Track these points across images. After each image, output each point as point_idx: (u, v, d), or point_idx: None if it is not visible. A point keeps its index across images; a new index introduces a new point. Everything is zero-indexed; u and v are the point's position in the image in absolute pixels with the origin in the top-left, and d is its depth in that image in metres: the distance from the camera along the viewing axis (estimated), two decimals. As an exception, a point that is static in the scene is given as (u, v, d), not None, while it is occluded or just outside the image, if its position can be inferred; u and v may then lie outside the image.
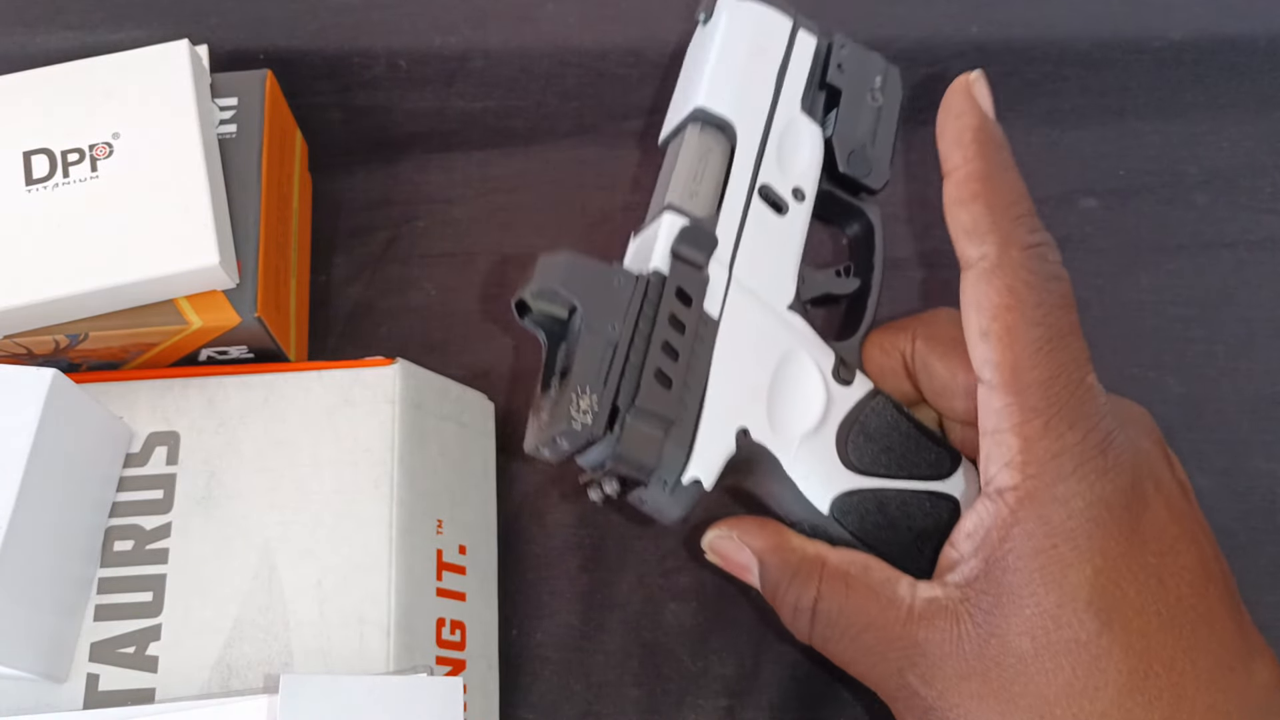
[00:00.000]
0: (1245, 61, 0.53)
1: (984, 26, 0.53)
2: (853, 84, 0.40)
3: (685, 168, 0.38)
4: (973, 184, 0.34)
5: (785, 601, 0.36)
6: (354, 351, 0.44)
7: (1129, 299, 0.52)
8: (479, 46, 0.53)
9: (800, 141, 0.39)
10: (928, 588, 0.34)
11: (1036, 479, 0.32)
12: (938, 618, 0.33)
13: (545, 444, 0.35)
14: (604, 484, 0.35)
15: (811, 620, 0.35)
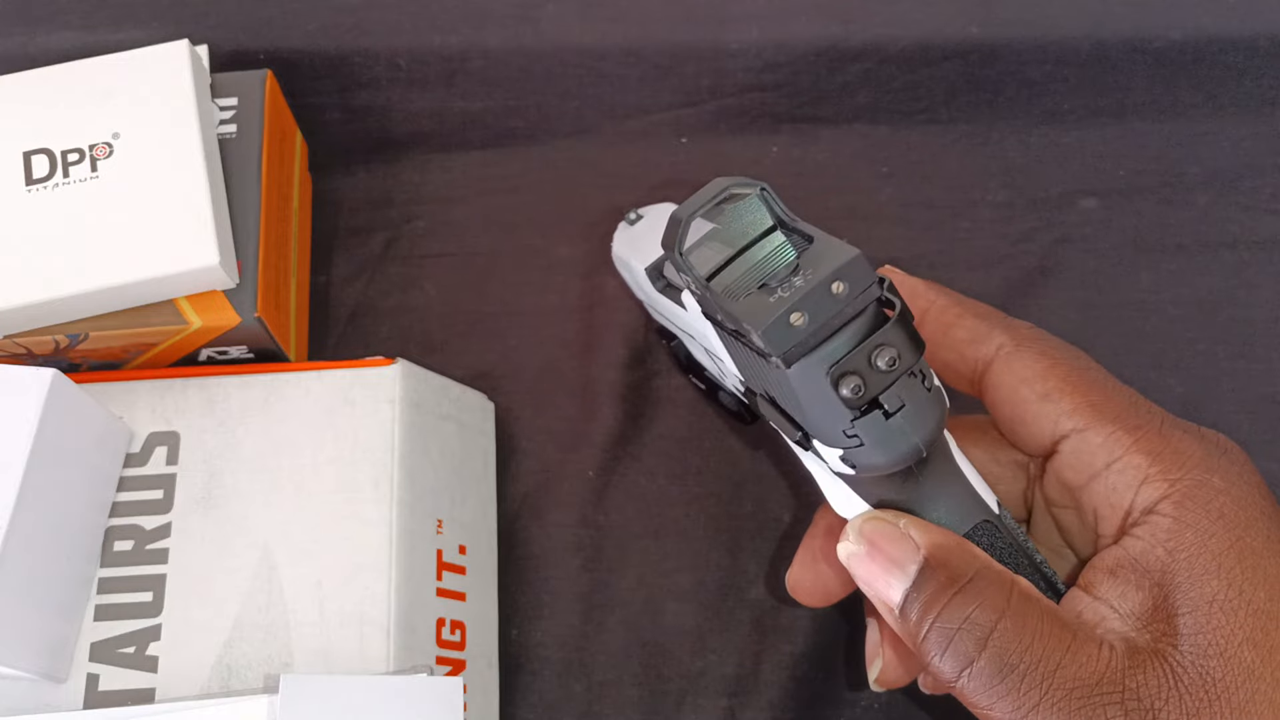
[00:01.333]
0: (1245, 61, 0.53)
1: (984, 26, 0.53)
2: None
3: None
4: (953, 308, 0.35)
5: (948, 619, 0.29)
6: (354, 351, 0.44)
7: (1129, 299, 0.52)
8: (479, 46, 0.53)
9: None
10: (1113, 632, 0.29)
11: (1186, 479, 0.30)
12: (1144, 660, 0.28)
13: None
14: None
15: (979, 650, 0.29)
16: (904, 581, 0.30)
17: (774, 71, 0.54)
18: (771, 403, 0.31)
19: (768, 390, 0.31)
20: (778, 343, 0.28)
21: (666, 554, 0.48)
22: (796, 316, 0.28)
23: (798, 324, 0.28)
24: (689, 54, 0.54)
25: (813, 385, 0.28)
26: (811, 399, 0.29)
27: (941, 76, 0.54)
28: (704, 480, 0.49)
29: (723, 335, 0.33)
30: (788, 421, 0.30)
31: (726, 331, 0.32)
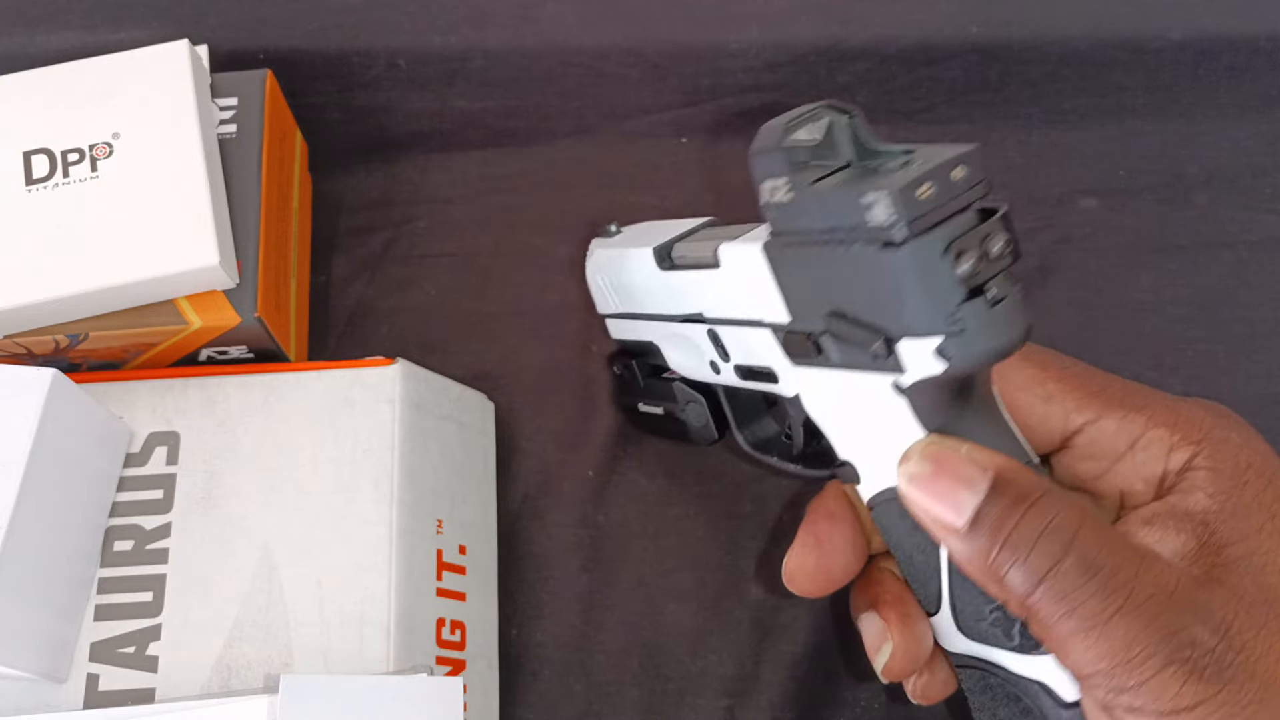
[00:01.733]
0: (1245, 61, 0.53)
1: (984, 26, 0.53)
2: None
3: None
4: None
5: (1027, 527, 0.29)
6: (354, 351, 0.44)
7: (1129, 299, 0.52)
8: (479, 46, 0.53)
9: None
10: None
11: (1210, 439, 0.33)
12: (1205, 583, 0.30)
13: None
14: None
15: (1065, 551, 0.29)
16: (974, 498, 0.30)
17: (774, 71, 0.54)
18: (843, 318, 0.32)
19: (839, 307, 0.32)
20: (906, 209, 0.28)
21: (666, 554, 0.48)
22: (925, 188, 0.28)
23: (924, 196, 0.28)
24: (689, 54, 0.54)
25: (927, 263, 0.29)
26: (922, 279, 0.29)
27: (941, 76, 0.54)
28: (704, 480, 0.49)
29: (782, 260, 0.33)
30: (865, 330, 0.31)
31: (806, 243, 0.32)
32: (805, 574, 0.38)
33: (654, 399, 0.46)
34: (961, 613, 0.34)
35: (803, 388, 0.37)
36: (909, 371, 0.31)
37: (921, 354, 0.30)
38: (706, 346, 0.40)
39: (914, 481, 0.31)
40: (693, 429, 0.45)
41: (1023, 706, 0.34)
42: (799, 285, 0.34)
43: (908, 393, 0.32)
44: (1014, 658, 0.33)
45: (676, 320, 0.42)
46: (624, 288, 0.44)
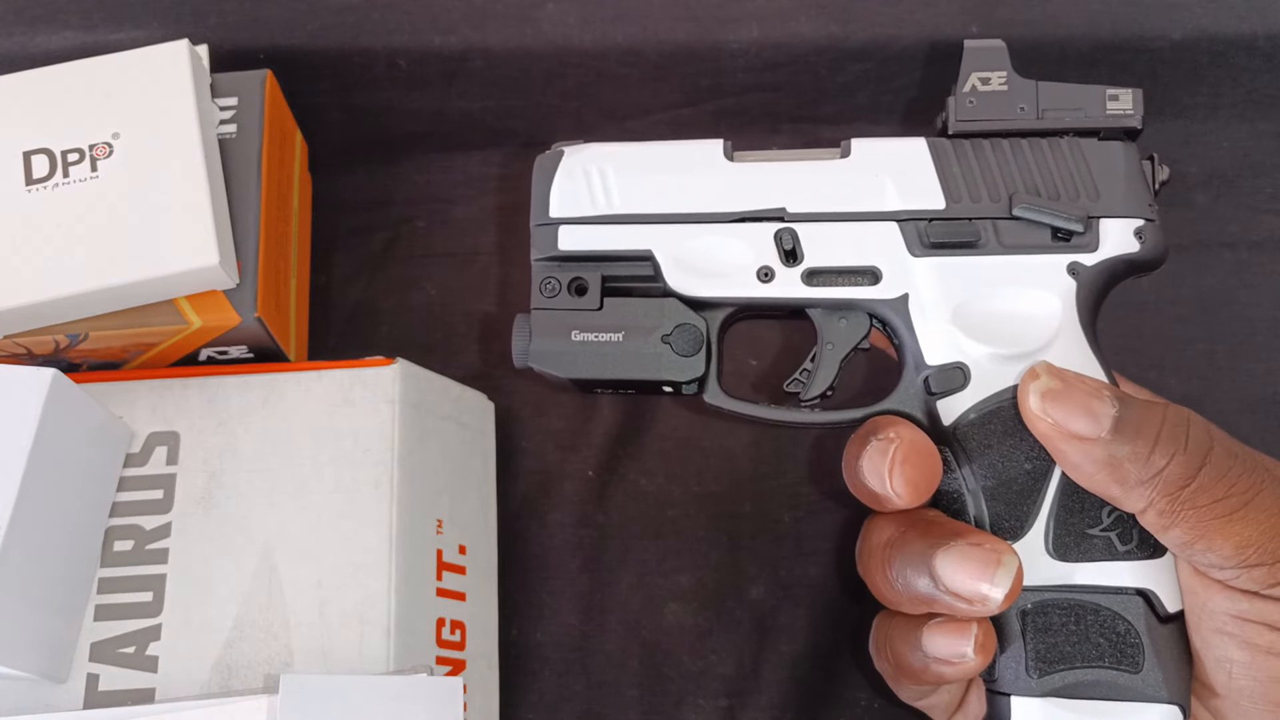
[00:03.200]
0: (1245, 61, 0.53)
1: (984, 26, 0.53)
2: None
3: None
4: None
5: (1172, 431, 0.33)
6: (354, 351, 0.44)
7: (1129, 299, 0.52)
8: (479, 46, 0.53)
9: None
10: None
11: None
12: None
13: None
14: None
15: (1208, 453, 0.33)
16: (1109, 408, 0.33)
17: (774, 71, 0.54)
18: (1036, 197, 0.37)
19: (1025, 191, 0.37)
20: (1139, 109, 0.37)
21: (666, 554, 0.48)
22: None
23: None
24: (689, 54, 0.53)
25: (1138, 158, 0.37)
26: (1137, 169, 0.37)
27: (941, 76, 0.54)
28: (704, 480, 0.49)
29: (952, 150, 0.38)
30: (1069, 207, 0.36)
31: (998, 132, 0.38)
32: (920, 458, 0.35)
33: (609, 324, 0.39)
34: (1062, 529, 0.35)
35: (919, 284, 0.37)
36: (1103, 248, 0.36)
37: (1121, 233, 0.37)
38: (764, 249, 0.38)
39: (1047, 396, 0.34)
40: (669, 362, 0.39)
41: (1119, 630, 0.34)
42: (969, 173, 0.38)
43: (1082, 276, 0.36)
44: (1119, 568, 0.34)
45: (728, 219, 0.39)
46: (635, 185, 0.39)
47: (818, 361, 0.38)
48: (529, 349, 0.39)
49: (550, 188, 0.40)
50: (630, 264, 0.39)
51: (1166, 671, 0.34)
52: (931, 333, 0.37)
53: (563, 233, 0.39)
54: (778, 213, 0.38)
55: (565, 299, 0.39)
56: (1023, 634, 0.35)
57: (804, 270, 0.38)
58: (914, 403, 0.37)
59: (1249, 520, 0.32)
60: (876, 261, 0.38)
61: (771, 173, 0.39)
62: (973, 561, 0.34)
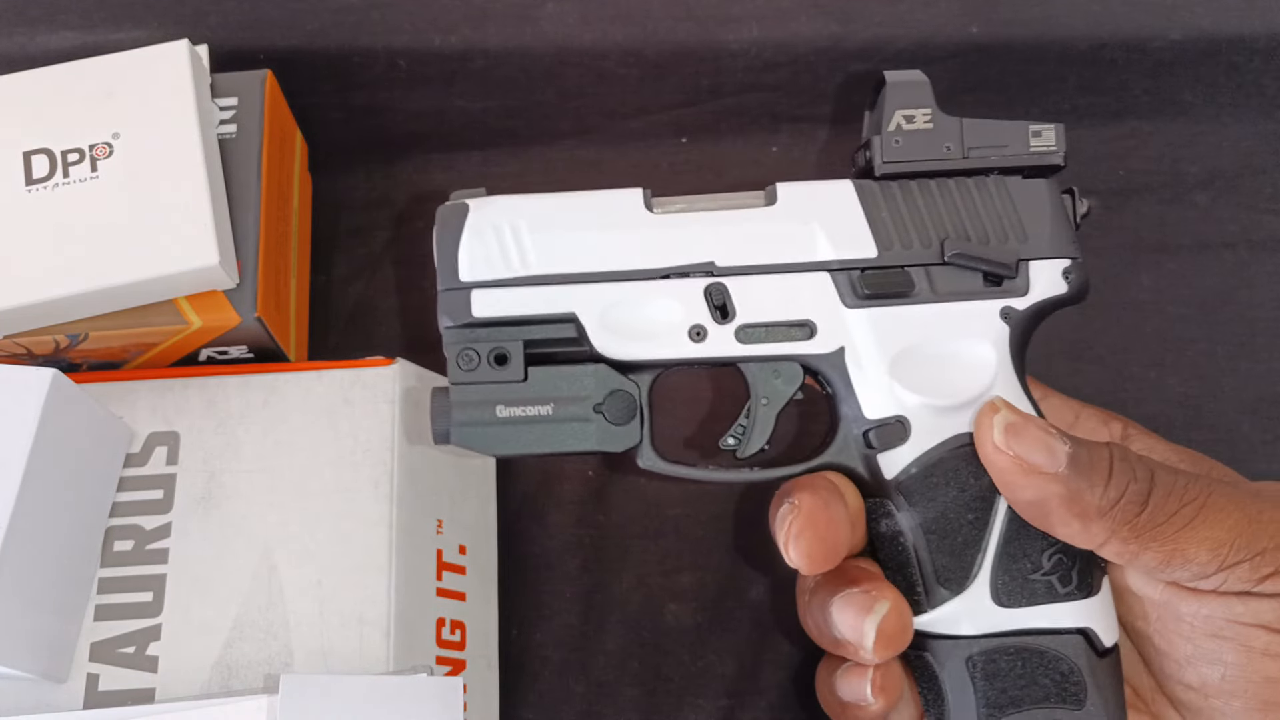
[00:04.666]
0: (1245, 61, 0.53)
1: (984, 26, 0.53)
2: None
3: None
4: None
5: (1123, 462, 0.34)
6: (354, 351, 0.44)
7: (1129, 299, 0.52)
8: (479, 46, 0.53)
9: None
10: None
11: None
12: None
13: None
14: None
15: (1154, 474, 0.34)
16: (1063, 444, 0.34)
17: (774, 71, 0.54)
18: (966, 243, 0.36)
19: (955, 235, 0.36)
20: (1063, 141, 0.37)
21: (666, 554, 0.48)
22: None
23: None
24: (689, 54, 0.54)
25: (1059, 195, 0.37)
26: (1060, 206, 0.37)
27: (941, 76, 0.54)
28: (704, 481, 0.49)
29: (880, 193, 0.37)
30: (999, 252, 0.36)
31: (924, 173, 0.37)
32: (815, 531, 0.36)
33: (536, 397, 0.37)
34: (1006, 576, 0.35)
35: (854, 337, 0.36)
36: (1033, 291, 0.36)
37: (1050, 275, 0.36)
38: (694, 307, 0.37)
39: (1009, 430, 0.34)
40: (603, 433, 0.37)
41: (1063, 669, 0.35)
42: (898, 218, 0.37)
43: (1014, 319, 0.36)
44: (1060, 609, 0.35)
45: (654, 276, 0.37)
46: (552, 243, 0.37)
47: (753, 418, 0.37)
48: (450, 429, 0.37)
49: (458, 248, 0.37)
50: (553, 327, 0.37)
51: (1107, 705, 0.35)
52: (869, 387, 0.36)
53: (476, 298, 0.37)
54: (706, 267, 0.37)
55: (486, 371, 0.36)
56: (972, 682, 0.35)
57: (737, 327, 0.37)
58: (852, 456, 0.37)
59: (1212, 522, 0.33)
60: (811, 315, 0.36)
61: (697, 224, 0.37)
62: (854, 608, 0.35)
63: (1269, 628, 0.33)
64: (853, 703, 0.37)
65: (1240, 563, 0.33)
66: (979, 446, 0.35)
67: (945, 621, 0.35)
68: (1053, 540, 0.35)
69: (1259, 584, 0.33)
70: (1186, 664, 0.35)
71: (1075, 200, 0.37)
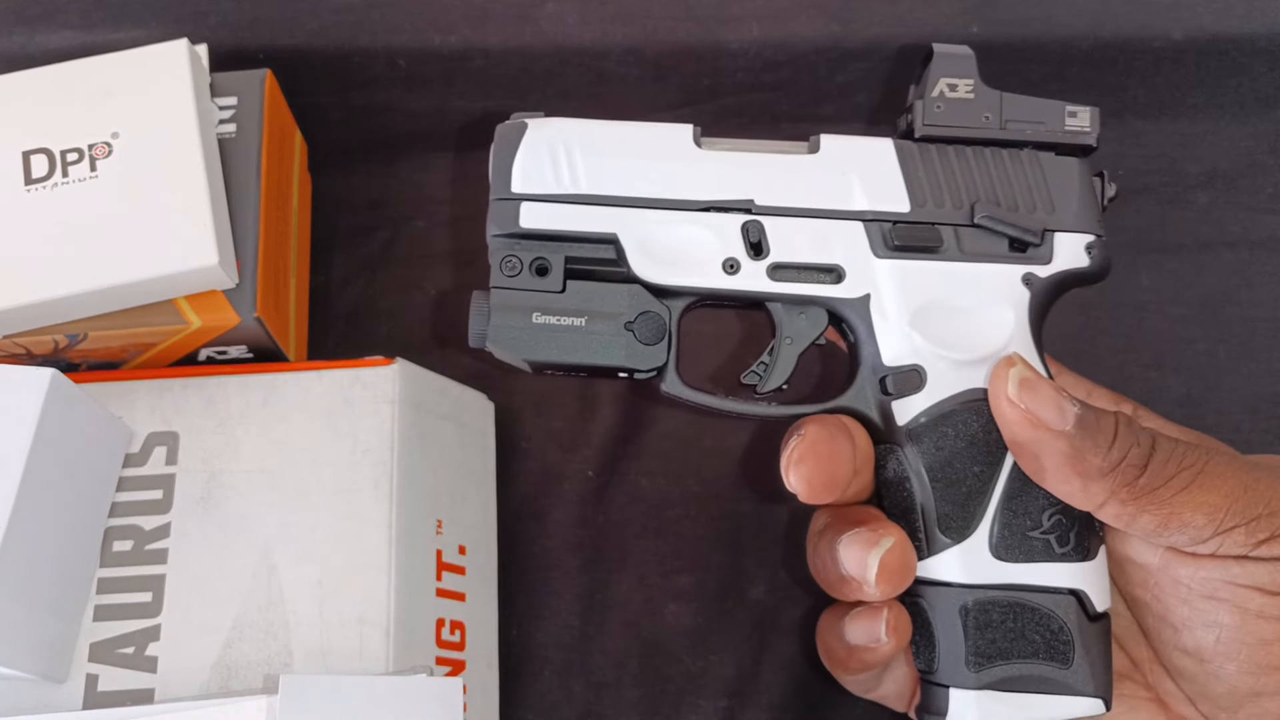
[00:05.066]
0: (1245, 61, 0.53)
1: (984, 26, 0.53)
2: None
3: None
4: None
5: (1128, 424, 0.35)
6: (354, 351, 0.44)
7: (1129, 299, 0.52)
8: (479, 46, 0.53)
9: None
10: None
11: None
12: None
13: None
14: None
15: (1156, 439, 0.35)
16: (1072, 404, 0.35)
17: (774, 71, 0.54)
18: (996, 207, 0.38)
19: (985, 201, 0.38)
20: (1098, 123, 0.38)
21: (666, 554, 0.48)
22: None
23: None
24: (689, 54, 0.54)
25: (1090, 175, 0.39)
26: (1090, 185, 0.38)
27: (941, 76, 0.54)
28: (704, 480, 0.49)
29: (919, 154, 0.38)
30: (1026, 219, 0.38)
31: (961, 139, 0.38)
32: (817, 459, 0.36)
33: (572, 308, 0.38)
34: (1005, 530, 0.36)
35: (880, 285, 0.37)
36: (1055, 261, 0.38)
37: (1073, 248, 0.38)
38: (731, 241, 0.38)
39: (1024, 385, 0.35)
40: (632, 350, 0.38)
41: (1053, 627, 0.36)
42: (933, 178, 0.38)
43: (1036, 286, 0.37)
44: (1056, 569, 0.36)
45: (695, 208, 0.38)
46: (602, 167, 0.38)
47: (775, 355, 0.39)
48: (487, 329, 0.38)
49: (513, 162, 0.38)
50: (594, 246, 0.38)
51: (1094, 667, 0.36)
52: (891, 334, 0.37)
53: (525, 210, 0.38)
54: (745, 204, 0.38)
55: (527, 279, 0.38)
56: (964, 629, 0.36)
57: (769, 264, 0.38)
58: (868, 402, 0.38)
59: (1209, 487, 0.34)
60: (841, 260, 0.38)
61: (740, 164, 0.38)
62: (859, 544, 0.36)
63: (1264, 589, 0.34)
64: (862, 645, 0.37)
65: (1236, 527, 0.34)
66: (992, 398, 0.36)
67: (942, 568, 0.36)
68: (1054, 500, 0.36)
69: (1254, 548, 0.34)
70: (1183, 628, 0.35)
71: (1105, 183, 0.39)
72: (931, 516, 0.37)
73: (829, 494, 0.37)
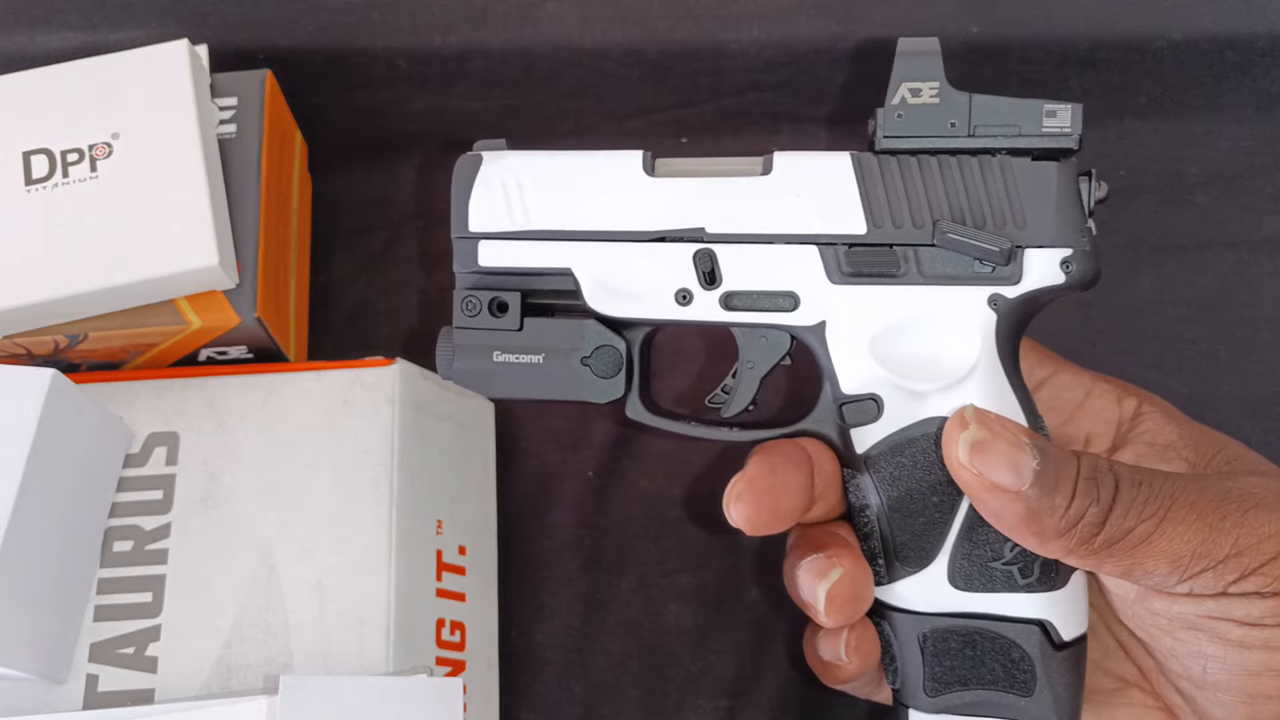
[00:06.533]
0: (1245, 61, 0.53)
1: (984, 26, 0.53)
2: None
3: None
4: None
5: (1087, 481, 0.33)
6: (354, 351, 0.44)
7: (1129, 299, 0.52)
8: (479, 46, 0.53)
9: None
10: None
11: (1143, 394, 0.39)
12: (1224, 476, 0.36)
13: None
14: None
15: (1116, 493, 0.33)
16: (1031, 460, 0.33)
17: (774, 71, 0.54)
18: (960, 225, 0.35)
19: (949, 217, 0.35)
20: (1080, 123, 0.35)
21: (666, 554, 0.48)
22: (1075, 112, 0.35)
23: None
24: (689, 54, 0.54)
25: (1073, 179, 0.35)
26: (1069, 192, 0.35)
27: (941, 77, 0.54)
28: (704, 480, 0.49)
29: (878, 168, 0.36)
30: (991, 237, 0.35)
31: (925, 150, 0.36)
32: (755, 496, 0.36)
33: (530, 345, 0.38)
34: (965, 560, 0.35)
35: (836, 312, 0.36)
36: (1026, 280, 0.35)
37: (1046, 265, 0.35)
38: (683, 271, 0.37)
39: (974, 448, 0.34)
40: (588, 384, 0.38)
41: (1014, 657, 0.35)
42: (893, 195, 0.36)
43: (1003, 308, 0.35)
44: (1019, 600, 0.35)
45: (646, 239, 0.38)
46: (553, 201, 0.38)
47: (738, 380, 0.38)
48: (452, 370, 0.38)
49: (469, 200, 0.39)
50: (550, 279, 0.38)
51: (1057, 696, 0.35)
52: (847, 362, 0.36)
53: (482, 248, 0.39)
54: (696, 233, 0.37)
55: (486, 318, 0.38)
56: (922, 656, 0.36)
57: (722, 294, 0.37)
58: (829, 425, 0.37)
59: (1171, 535, 0.33)
60: (794, 287, 0.37)
61: (691, 191, 0.37)
62: (812, 573, 0.36)
63: (1241, 622, 0.33)
64: (831, 661, 0.37)
65: (1203, 572, 0.33)
66: (945, 458, 0.35)
67: (901, 596, 0.36)
68: None
69: (1224, 590, 0.33)
70: (1170, 656, 0.35)
71: (1093, 183, 0.35)
72: (890, 545, 0.36)
73: (774, 527, 0.36)
